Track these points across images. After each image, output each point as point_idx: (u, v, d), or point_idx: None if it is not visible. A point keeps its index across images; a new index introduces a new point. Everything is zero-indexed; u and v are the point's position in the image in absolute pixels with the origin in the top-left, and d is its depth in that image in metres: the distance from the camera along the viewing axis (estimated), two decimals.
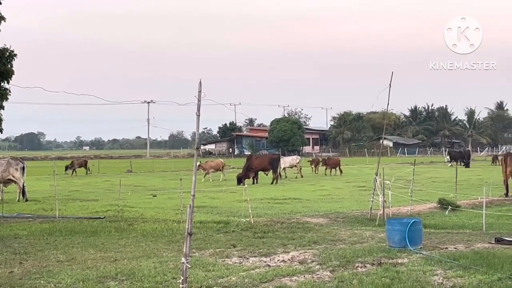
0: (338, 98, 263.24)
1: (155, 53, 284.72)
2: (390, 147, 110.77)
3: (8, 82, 19.53)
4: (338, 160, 50.10)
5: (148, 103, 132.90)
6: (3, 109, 19.65)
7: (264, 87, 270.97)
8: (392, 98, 17.70)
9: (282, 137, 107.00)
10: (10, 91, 19.69)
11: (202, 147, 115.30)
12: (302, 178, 40.80)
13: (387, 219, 14.28)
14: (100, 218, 18.06)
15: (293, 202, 23.27)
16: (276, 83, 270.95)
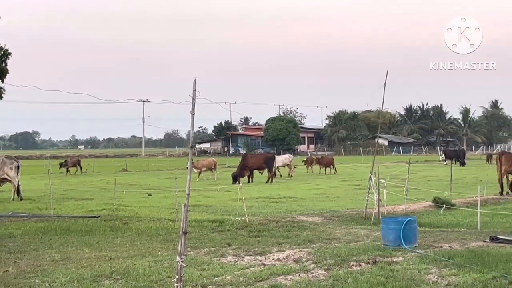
0: (333, 97, 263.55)
1: (150, 51, 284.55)
2: (385, 145, 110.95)
3: (2, 81, 19.50)
4: (331, 159, 50.01)
5: (143, 102, 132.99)
6: None
7: (259, 86, 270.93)
8: (387, 97, 17.76)
9: (278, 136, 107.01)
10: (4, 90, 19.67)
11: (198, 146, 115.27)
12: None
13: (382, 217, 14.29)
14: (95, 217, 18.02)
15: (288, 201, 23.27)
16: (271, 82, 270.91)
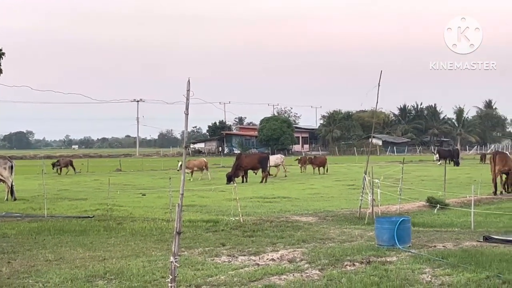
0: (327, 97, 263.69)
1: (144, 51, 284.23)
2: (380, 145, 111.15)
3: None
4: (324, 159, 49.90)
5: (138, 101, 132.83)
6: None
7: (253, 86, 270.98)
8: (382, 96, 17.75)
9: (272, 135, 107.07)
10: None
11: (192, 146, 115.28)
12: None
13: (376, 217, 14.30)
14: (89, 217, 17.98)
15: (282, 200, 23.27)
16: (265, 82, 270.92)
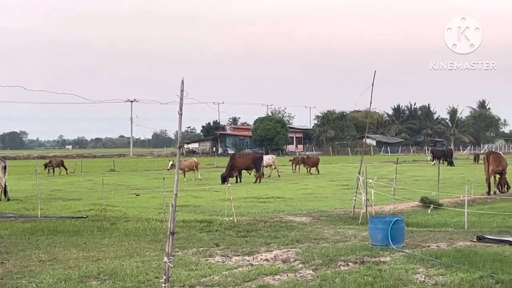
0: (321, 97, 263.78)
1: (137, 52, 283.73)
2: (373, 145, 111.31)
3: None
4: (317, 159, 49.82)
5: (131, 102, 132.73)
6: None
7: (247, 86, 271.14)
8: (376, 97, 17.78)
9: (266, 136, 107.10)
10: None
11: (186, 146, 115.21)
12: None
13: (369, 217, 14.30)
14: (82, 218, 17.95)
15: (276, 201, 23.28)
16: (259, 82, 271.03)
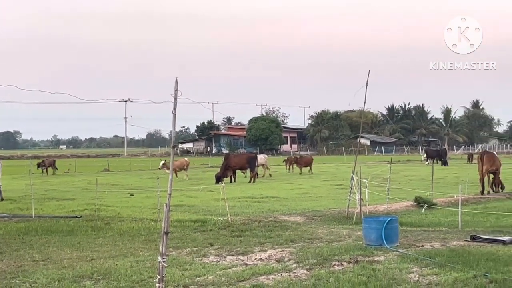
0: (315, 96, 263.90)
1: (132, 51, 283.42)
2: (368, 145, 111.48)
3: None
4: (310, 159, 49.73)
5: (126, 101, 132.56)
6: None
7: (242, 86, 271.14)
8: (371, 97, 17.77)
9: (260, 135, 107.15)
10: None
11: (180, 146, 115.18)
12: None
13: (364, 217, 14.32)
14: (76, 217, 17.91)
15: (270, 200, 23.27)
16: (254, 82, 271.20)
